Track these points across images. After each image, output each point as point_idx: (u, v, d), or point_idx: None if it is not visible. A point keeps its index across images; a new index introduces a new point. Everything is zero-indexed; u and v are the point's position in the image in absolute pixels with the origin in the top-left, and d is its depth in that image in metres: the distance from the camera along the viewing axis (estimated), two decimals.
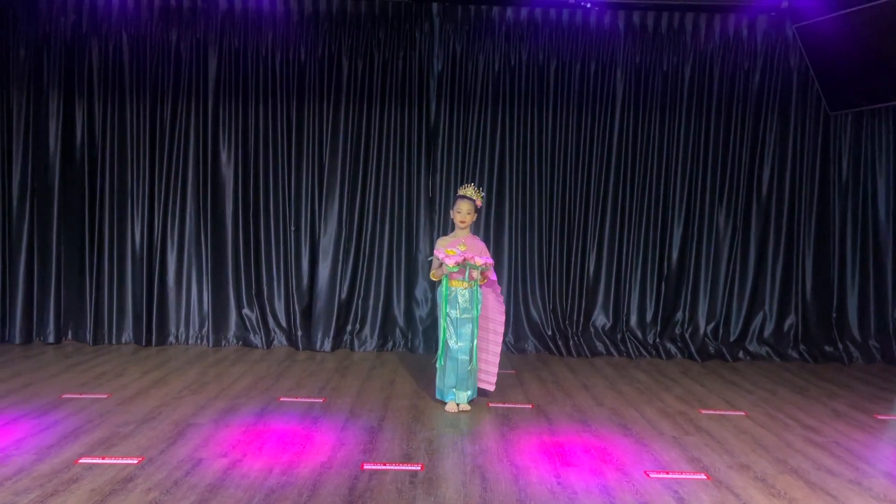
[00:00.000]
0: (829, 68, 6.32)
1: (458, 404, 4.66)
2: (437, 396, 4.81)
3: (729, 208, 6.68)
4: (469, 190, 4.77)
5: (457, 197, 4.79)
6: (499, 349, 4.93)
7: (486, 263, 4.57)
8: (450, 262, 4.51)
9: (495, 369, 4.91)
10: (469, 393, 4.71)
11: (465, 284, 4.63)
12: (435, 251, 4.68)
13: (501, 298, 4.98)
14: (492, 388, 4.90)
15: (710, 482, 3.57)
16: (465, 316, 4.65)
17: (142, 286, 6.39)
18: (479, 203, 4.78)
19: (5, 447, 3.75)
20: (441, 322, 4.72)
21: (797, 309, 6.70)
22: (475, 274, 4.61)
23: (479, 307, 4.72)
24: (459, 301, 4.66)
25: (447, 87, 6.50)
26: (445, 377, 4.69)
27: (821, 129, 6.67)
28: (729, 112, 6.63)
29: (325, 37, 6.42)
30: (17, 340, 6.32)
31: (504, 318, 4.97)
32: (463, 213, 4.71)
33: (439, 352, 4.73)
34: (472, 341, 4.67)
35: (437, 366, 4.76)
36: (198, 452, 3.76)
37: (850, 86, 6.26)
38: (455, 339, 4.65)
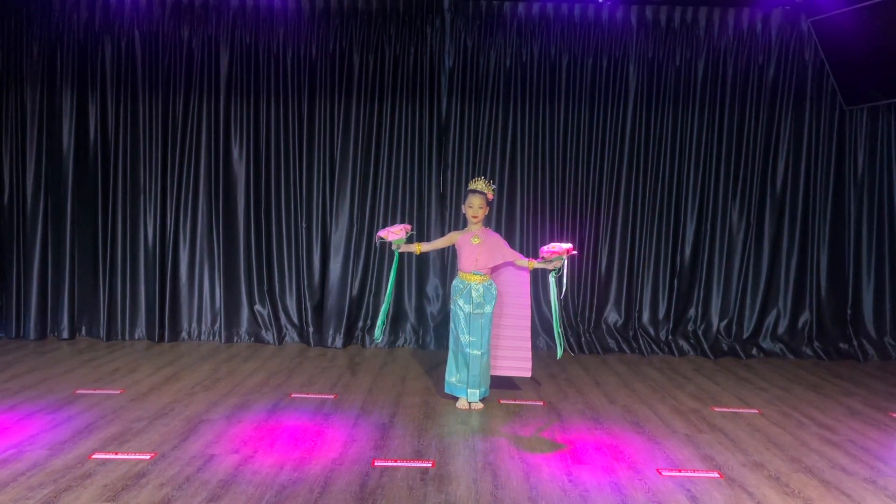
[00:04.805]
0: (844, 62, 6.25)
1: (470, 403, 4.65)
2: (447, 391, 4.78)
3: (742, 204, 6.63)
4: (479, 183, 4.64)
5: (467, 191, 4.67)
6: (528, 335, 4.83)
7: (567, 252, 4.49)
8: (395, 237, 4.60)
9: (528, 354, 4.82)
10: (482, 390, 4.70)
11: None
12: (378, 232, 4.75)
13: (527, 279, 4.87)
14: (528, 374, 4.83)
15: (723, 480, 3.55)
16: (477, 311, 4.62)
17: (154, 282, 6.43)
18: (490, 196, 4.66)
19: (19, 442, 3.78)
20: (452, 316, 4.71)
21: (811, 306, 6.64)
22: (557, 263, 4.53)
23: (494, 303, 4.68)
24: (473, 296, 4.62)
25: (458, 83, 6.48)
26: (457, 371, 4.67)
27: (836, 123, 6.60)
28: (743, 107, 6.57)
29: (336, 33, 6.42)
30: (32, 336, 6.37)
31: (529, 302, 4.87)
32: (475, 207, 4.61)
33: (451, 344, 4.72)
34: (485, 337, 4.65)
35: (449, 359, 4.73)
36: (210, 448, 3.77)
37: (866, 80, 6.19)
38: (467, 334, 4.63)
